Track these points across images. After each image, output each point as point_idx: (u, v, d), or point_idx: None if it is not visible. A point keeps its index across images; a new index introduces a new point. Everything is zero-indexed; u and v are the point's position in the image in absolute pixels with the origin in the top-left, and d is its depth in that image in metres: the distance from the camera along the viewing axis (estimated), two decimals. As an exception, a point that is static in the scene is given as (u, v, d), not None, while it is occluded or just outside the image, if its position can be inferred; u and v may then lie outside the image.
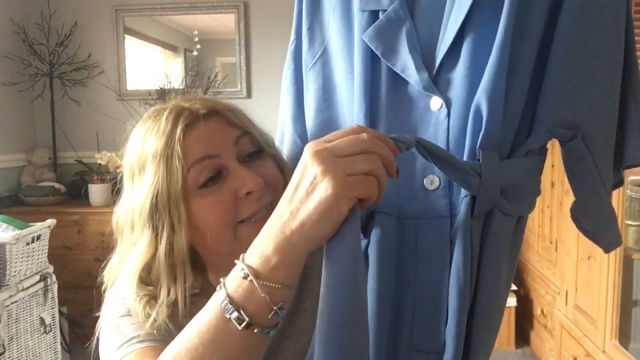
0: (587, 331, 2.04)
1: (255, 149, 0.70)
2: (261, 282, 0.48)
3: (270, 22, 3.15)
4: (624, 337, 1.85)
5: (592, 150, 0.57)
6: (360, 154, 0.47)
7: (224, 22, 3.20)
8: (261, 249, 0.49)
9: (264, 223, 0.57)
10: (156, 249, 0.66)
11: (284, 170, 0.72)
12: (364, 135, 0.48)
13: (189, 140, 0.65)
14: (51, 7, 3.14)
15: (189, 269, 0.67)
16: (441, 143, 0.57)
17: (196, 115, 0.67)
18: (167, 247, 0.65)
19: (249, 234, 0.65)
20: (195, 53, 3.28)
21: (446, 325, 0.56)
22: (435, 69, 0.58)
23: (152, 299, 0.67)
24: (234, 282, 0.50)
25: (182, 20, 3.27)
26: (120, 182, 0.74)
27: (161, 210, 0.65)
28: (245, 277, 0.49)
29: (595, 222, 0.62)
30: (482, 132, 0.54)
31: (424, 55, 0.59)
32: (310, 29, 0.71)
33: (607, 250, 0.64)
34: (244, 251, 0.67)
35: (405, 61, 0.59)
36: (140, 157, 0.67)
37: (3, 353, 1.83)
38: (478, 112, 0.54)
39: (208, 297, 0.70)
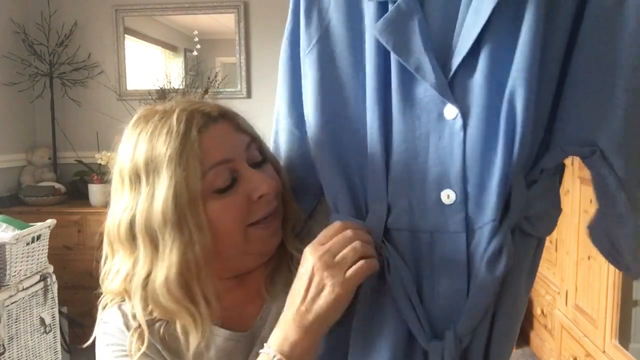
0: (587, 331, 2.04)
1: (262, 155, 0.71)
2: None
3: (270, 22, 3.14)
4: (624, 337, 1.85)
5: (615, 167, 0.54)
6: (349, 247, 0.58)
7: (224, 22, 3.20)
8: (286, 337, 0.59)
9: (272, 224, 0.67)
10: (189, 254, 0.63)
11: (280, 175, 0.72)
12: (349, 232, 0.59)
13: (204, 142, 0.64)
14: (51, 7, 3.14)
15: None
16: (456, 157, 0.55)
17: (209, 118, 0.66)
18: (201, 250, 0.63)
19: (259, 236, 0.68)
20: (195, 53, 3.28)
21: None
22: (450, 74, 0.55)
23: (148, 327, 0.66)
24: None
25: (182, 20, 3.27)
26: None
27: (183, 214, 0.62)
28: None
29: (618, 245, 0.59)
30: (514, 154, 0.52)
31: (437, 53, 0.55)
32: (307, 9, 0.66)
33: (634, 277, 0.64)
34: (252, 252, 0.69)
35: (420, 59, 0.55)
36: (151, 158, 0.64)
37: (3, 353, 1.83)
38: (510, 129, 0.52)
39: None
